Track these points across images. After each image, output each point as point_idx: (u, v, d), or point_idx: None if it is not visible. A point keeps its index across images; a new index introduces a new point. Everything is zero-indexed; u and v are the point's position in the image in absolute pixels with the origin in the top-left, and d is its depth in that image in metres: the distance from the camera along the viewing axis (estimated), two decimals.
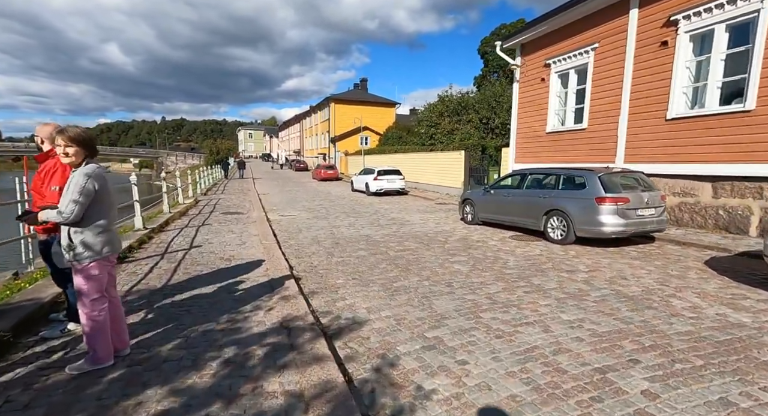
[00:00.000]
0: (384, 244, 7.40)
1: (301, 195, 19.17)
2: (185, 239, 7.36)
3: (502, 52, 12.44)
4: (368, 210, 12.86)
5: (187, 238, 7.42)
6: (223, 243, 7.14)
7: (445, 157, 17.39)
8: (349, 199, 17.18)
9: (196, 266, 5.47)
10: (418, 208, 13.37)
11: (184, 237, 7.57)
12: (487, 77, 58.99)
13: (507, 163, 13.15)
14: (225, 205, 14.05)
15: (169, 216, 9.48)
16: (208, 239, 7.45)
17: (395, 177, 18.16)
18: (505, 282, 4.91)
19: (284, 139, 79.08)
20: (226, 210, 12.21)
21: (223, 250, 6.52)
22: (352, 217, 11.27)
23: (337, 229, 9.21)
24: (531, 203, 7.54)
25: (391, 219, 10.88)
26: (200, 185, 19.01)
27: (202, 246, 6.81)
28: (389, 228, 9.23)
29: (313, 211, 12.73)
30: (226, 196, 17.40)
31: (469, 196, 9.57)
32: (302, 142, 61.44)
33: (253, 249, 6.68)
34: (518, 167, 12.62)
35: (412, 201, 15.98)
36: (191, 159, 69.19)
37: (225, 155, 46.97)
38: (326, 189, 22.95)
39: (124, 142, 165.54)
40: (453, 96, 19.91)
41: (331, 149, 42.86)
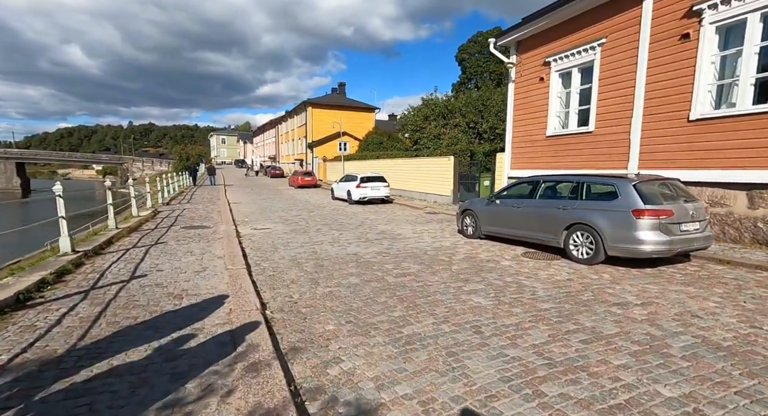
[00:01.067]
0: (378, 266, 6.15)
1: (277, 204, 17.64)
2: (127, 265, 5.84)
3: (495, 50, 11.55)
4: (353, 222, 11.58)
5: (130, 264, 5.91)
6: (177, 270, 5.68)
7: (432, 163, 16.37)
8: (330, 208, 15.83)
9: (130, 310, 4.02)
10: (408, 219, 12.20)
11: (127, 262, 6.04)
12: (465, 84, 59.30)
13: (502, 170, 12.22)
14: (189, 216, 12.41)
15: (114, 233, 7.87)
16: (158, 265, 5.96)
17: (380, 184, 16.98)
18: (547, 323, 3.77)
19: (259, 145, 76.61)
20: (188, 224, 10.62)
21: (174, 281, 5.08)
22: (335, 231, 9.96)
23: (320, 246, 7.89)
24: (547, 215, 6.50)
25: (380, 232, 9.65)
26: (163, 194, 17.17)
27: (148, 275, 5.34)
28: (380, 245, 7.99)
29: (291, 223, 11.32)
30: (191, 206, 15.67)
31: (469, 207, 8.48)
32: (278, 147, 59.45)
33: (215, 278, 5.28)
34: (514, 174, 11.70)
35: (399, 210, 14.82)
36: (159, 165, 65.68)
37: (195, 161, 44.51)
38: (304, 197, 21.48)
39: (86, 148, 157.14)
40: (439, 99, 19.03)
41: (309, 155, 41.30)
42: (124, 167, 64.89)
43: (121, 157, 70.08)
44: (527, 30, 10.58)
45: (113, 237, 7.58)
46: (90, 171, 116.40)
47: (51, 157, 69.84)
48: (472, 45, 57.56)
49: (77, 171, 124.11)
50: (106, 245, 7.04)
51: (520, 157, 11.47)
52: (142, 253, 6.69)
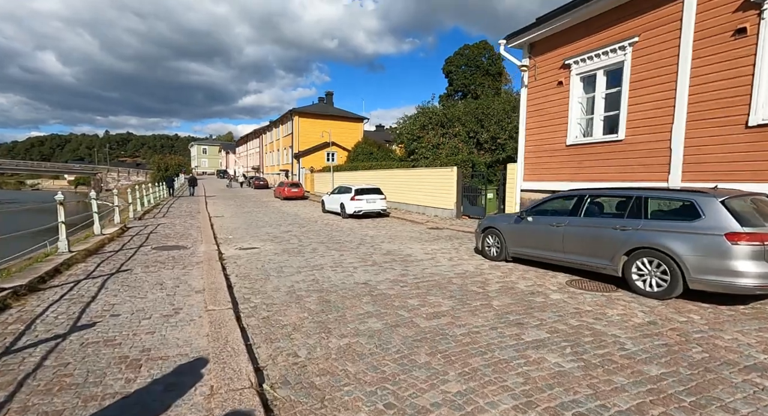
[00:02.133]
0: (400, 301, 4.91)
1: (264, 217, 16.20)
2: (72, 308, 4.41)
3: (506, 52, 10.65)
4: (352, 240, 10.31)
5: (75, 306, 4.47)
6: (140, 313, 4.30)
7: (432, 174, 15.30)
8: (322, 222, 14.51)
9: (52, 397, 2.65)
10: (412, 236, 11.01)
11: (73, 302, 4.60)
12: (452, 96, 59.40)
13: (513, 182, 11.22)
14: (163, 233, 10.89)
15: (64, 259, 6.38)
16: (115, 305, 4.55)
17: (375, 196, 15.78)
18: (681, 408, 2.60)
19: (242, 155, 74.58)
20: (161, 244, 9.14)
21: (133, 334, 3.71)
22: (334, 251, 8.67)
23: (321, 272, 6.59)
24: (598, 237, 5.42)
25: (387, 252, 8.41)
26: (135, 207, 15.51)
27: (97, 324, 3.93)
28: (392, 270, 6.75)
29: (282, 242, 9.97)
30: (167, 221, 14.08)
31: (492, 224, 7.36)
32: (262, 157, 57.73)
33: (190, 326, 3.94)
34: (528, 187, 10.71)
35: (399, 225, 13.62)
36: (136, 176, 62.85)
37: (175, 171, 42.40)
38: (292, 210, 20.07)
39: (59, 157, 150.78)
40: (437, 107, 18.10)
41: (295, 165, 39.88)
42: (97, 177, 61.78)
43: (95, 166, 66.85)
44: (543, 30, 9.72)
45: (62, 265, 6.09)
46: (61, 181, 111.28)
47: (18, 166, 65.98)
48: (459, 57, 57.84)
49: (48, 181, 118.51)
50: (51, 276, 5.56)
51: (534, 168, 10.50)
52: (97, 287, 5.25)
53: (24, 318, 3.97)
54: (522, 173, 10.91)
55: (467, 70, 57.36)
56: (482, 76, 55.68)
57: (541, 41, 10.05)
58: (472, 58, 57.36)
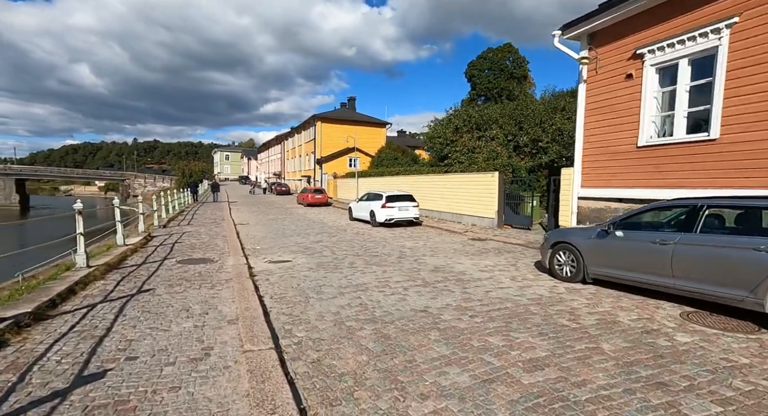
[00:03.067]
0: (478, 340, 3.90)
1: (290, 225, 15.46)
2: (81, 346, 3.59)
3: (560, 44, 9.55)
4: (389, 252, 9.34)
5: (85, 343, 3.65)
6: (161, 355, 3.43)
7: (470, 180, 14.22)
8: (351, 231, 13.63)
9: None
10: (454, 247, 9.96)
11: (83, 337, 3.79)
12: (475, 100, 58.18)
13: (568, 189, 10.03)
14: (188, 243, 10.21)
15: (81, 275, 5.65)
16: (132, 342, 3.71)
17: (408, 204, 14.80)
18: None
19: (263, 161, 75.14)
20: (187, 256, 8.40)
21: (152, 391, 2.83)
22: (375, 266, 7.73)
23: (367, 295, 5.64)
24: (729, 259, 4.26)
25: (435, 268, 7.40)
26: (160, 214, 15.03)
27: (109, 373, 3.07)
28: (449, 291, 5.74)
29: (315, 254, 9.10)
30: (192, 229, 13.49)
31: (565, 239, 6.25)
32: (283, 164, 57.79)
33: (223, 377, 3.03)
34: (587, 193, 9.52)
35: (436, 235, 12.58)
36: (162, 181, 64.02)
37: (198, 177, 42.67)
38: (318, 217, 19.32)
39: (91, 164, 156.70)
40: (471, 109, 17.03)
41: (317, 171, 39.41)
42: (126, 183, 63.26)
43: (123, 173, 68.57)
44: (607, 18, 8.60)
45: (78, 284, 5.34)
46: (92, 187, 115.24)
47: (52, 173, 68.40)
48: (483, 61, 56.66)
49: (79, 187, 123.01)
50: (63, 298, 4.80)
51: (595, 173, 9.30)
52: (114, 314, 4.44)
53: (19, 364, 3.15)
54: (579, 179, 9.72)
55: (491, 74, 56.07)
56: (506, 79, 54.27)
57: (604, 30, 8.92)
58: (496, 62, 56.05)
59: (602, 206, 9.14)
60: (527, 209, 13.27)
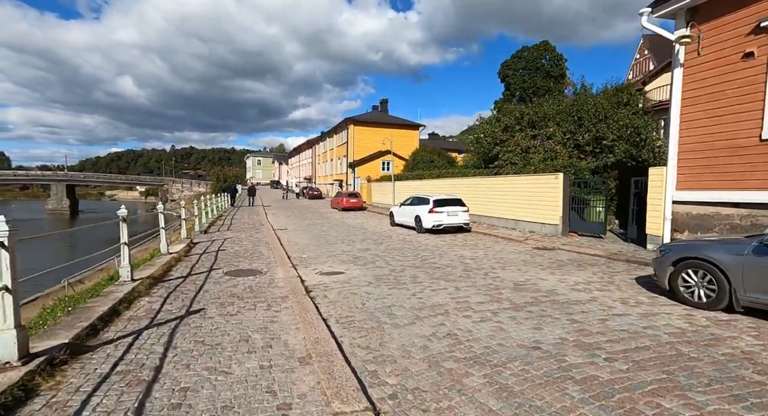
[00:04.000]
0: (648, 404, 2.80)
1: (330, 231, 14.71)
2: (123, 397, 2.78)
3: (650, 23, 8.23)
4: (449, 263, 8.30)
5: (130, 390, 2.83)
6: (227, 413, 2.57)
7: (528, 182, 12.95)
8: (397, 238, 12.67)
9: None
10: (522, 258, 8.77)
11: (126, 382, 2.97)
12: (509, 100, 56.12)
13: (659, 192, 8.63)
14: (232, 251, 9.58)
15: (126, 291, 4.97)
16: (188, 392, 2.87)
17: (458, 208, 13.70)
18: None
19: (294, 166, 75.92)
20: (233, 266, 7.71)
21: None
22: (440, 279, 6.73)
23: (451, 320, 4.65)
24: None
25: (515, 285, 6.29)
26: (200, 219, 14.68)
27: None
28: (553, 320, 4.64)
29: (367, 264, 8.21)
30: (233, 235, 12.97)
31: (700, 254, 5.00)
32: (314, 168, 57.91)
33: None
34: (685, 197, 8.12)
35: (492, 243, 11.40)
36: (197, 186, 65.84)
37: (232, 182, 43.20)
38: (356, 222, 18.53)
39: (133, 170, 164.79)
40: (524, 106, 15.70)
41: (349, 175, 38.88)
42: (164, 188, 65.46)
43: (162, 178, 71.16)
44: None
45: (122, 302, 4.65)
46: (134, 192, 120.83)
47: (97, 179, 72.00)
48: (517, 61, 54.62)
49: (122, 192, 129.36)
50: (105, 322, 4.09)
51: (698, 173, 7.89)
52: (163, 346, 3.65)
53: None
54: (674, 180, 8.32)
55: (525, 74, 53.91)
56: (542, 79, 51.99)
57: (711, 3, 7.54)
58: (532, 61, 53.88)
59: (709, 212, 7.72)
60: (593, 215, 11.85)
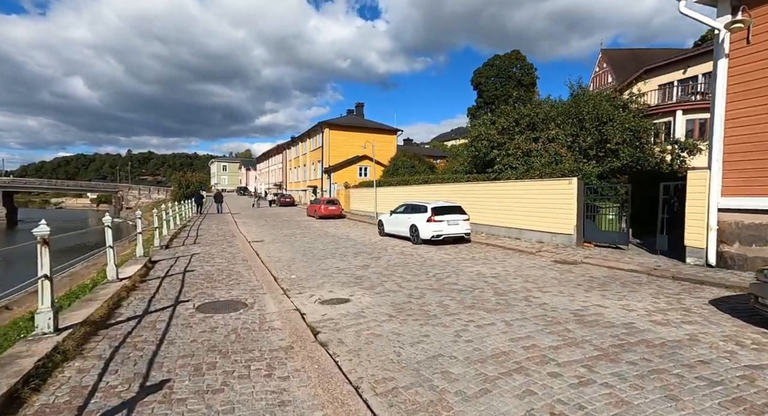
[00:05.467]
0: None
1: (314, 242, 13.00)
2: None
3: (689, 9, 7.36)
4: (471, 283, 6.94)
5: None
6: None
7: (537, 188, 11.91)
8: (393, 250, 11.19)
9: None
10: (551, 276, 7.56)
11: None
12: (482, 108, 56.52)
13: (701, 198, 7.72)
14: (203, 272, 7.72)
15: (38, 358, 3.16)
16: None
17: (458, 217, 12.44)
18: None
19: (263, 172, 72.74)
20: (206, 296, 5.92)
21: None
22: (477, 308, 5.36)
23: (539, 381, 3.26)
24: None
25: (576, 317, 5.00)
26: (161, 231, 12.51)
27: None
28: (679, 380, 3.36)
29: (375, 286, 6.70)
30: (201, 250, 10.98)
31: None
32: (285, 173, 55.41)
33: None
34: (732, 204, 7.24)
35: (503, 255, 10.18)
36: (157, 193, 61.25)
37: (196, 188, 40.05)
38: (340, 231, 16.87)
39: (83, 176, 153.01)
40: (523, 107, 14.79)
41: (325, 181, 37.03)
42: (119, 195, 60.39)
43: (117, 184, 65.67)
44: None
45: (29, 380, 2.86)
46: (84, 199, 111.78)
47: (41, 185, 65.37)
48: (489, 69, 55.30)
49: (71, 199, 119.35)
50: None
51: (750, 177, 7.02)
52: None
53: None
54: (719, 185, 7.42)
55: (498, 81, 54.59)
56: (514, 87, 52.73)
57: None
58: (503, 69, 54.66)
59: (766, 221, 6.82)
60: (604, 223, 10.94)
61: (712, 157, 7.50)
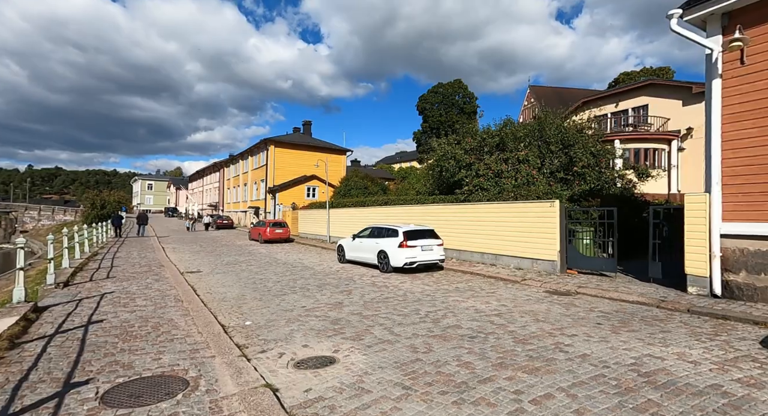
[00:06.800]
0: None
1: (264, 272, 10.94)
2: None
3: (681, 28, 7.16)
4: (475, 326, 5.66)
5: None
6: None
7: (516, 211, 11.19)
8: (361, 280, 9.61)
9: None
10: (558, 311, 6.55)
11: None
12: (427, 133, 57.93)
13: (703, 224, 7.32)
14: (115, 325, 5.51)
15: None
16: None
17: (432, 242, 11.27)
18: None
19: (196, 191, 66.78)
20: (122, 375, 3.90)
21: None
22: (512, 368, 4.05)
23: None
24: None
25: (641, 374, 3.89)
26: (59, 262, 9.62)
27: None
28: None
29: (361, 334, 5.11)
30: (116, 286, 8.46)
31: None
32: (222, 193, 51.08)
33: None
34: (734, 229, 6.89)
35: (487, 285, 9.10)
36: (63, 214, 52.84)
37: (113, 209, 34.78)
38: (291, 257, 14.84)
39: None
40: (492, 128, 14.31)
41: (269, 202, 34.29)
42: (11, 216, 51.02)
43: (9, 204, 55.56)
44: None
45: None
46: None
47: None
48: (434, 95, 57.25)
49: None
50: None
51: (753, 201, 6.71)
52: None
53: None
54: (720, 209, 7.07)
55: (442, 108, 56.56)
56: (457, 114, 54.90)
57: (757, 4, 6.65)
58: (447, 96, 56.86)
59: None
60: (581, 247, 10.46)
61: (711, 180, 7.17)
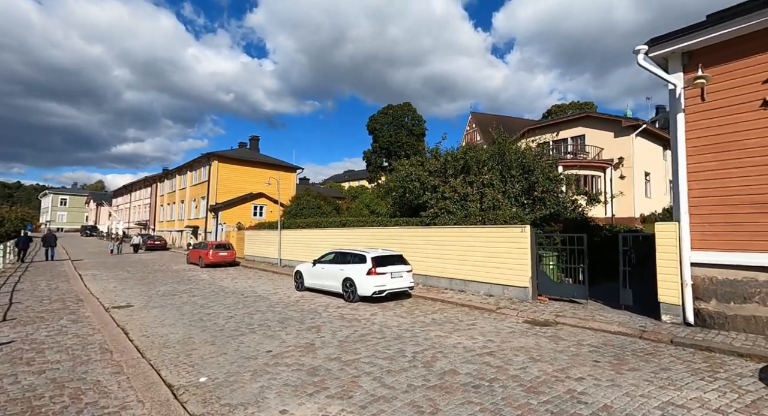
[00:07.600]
0: None
1: (211, 304, 9.50)
2: None
3: (647, 63, 7.53)
4: (471, 370, 5.10)
5: None
6: None
7: (486, 236, 10.98)
8: (327, 314, 8.66)
9: None
10: (549, 346, 6.23)
11: None
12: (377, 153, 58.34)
13: (673, 252, 7.51)
14: (17, 396, 4.07)
15: None
16: None
17: (402, 268, 10.64)
18: None
19: (122, 208, 60.23)
20: None
21: None
22: None
23: None
24: None
25: None
26: None
27: None
28: None
29: (348, 391, 4.28)
30: (19, 333, 6.65)
31: None
32: (154, 211, 46.44)
33: None
34: (704, 258, 7.15)
35: (463, 315, 8.63)
36: None
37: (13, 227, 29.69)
38: (241, 285, 13.32)
39: None
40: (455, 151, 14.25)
41: (210, 221, 31.57)
42: None
43: None
44: (720, 32, 6.86)
45: None
46: None
47: None
48: (384, 116, 58.08)
49: None
50: None
51: (719, 231, 7.00)
52: None
53: None
54: (688, 238, 7.31)
55: (392, 129, 57.42)
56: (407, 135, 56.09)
57: (716, 46, 7.14)
58: (397, 118, 57.95)
59: (741, 277, 6.74)
60: (547, 273, 10.50)
61: (679, 209, 7.42)
